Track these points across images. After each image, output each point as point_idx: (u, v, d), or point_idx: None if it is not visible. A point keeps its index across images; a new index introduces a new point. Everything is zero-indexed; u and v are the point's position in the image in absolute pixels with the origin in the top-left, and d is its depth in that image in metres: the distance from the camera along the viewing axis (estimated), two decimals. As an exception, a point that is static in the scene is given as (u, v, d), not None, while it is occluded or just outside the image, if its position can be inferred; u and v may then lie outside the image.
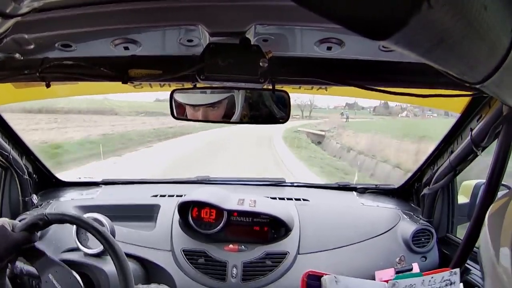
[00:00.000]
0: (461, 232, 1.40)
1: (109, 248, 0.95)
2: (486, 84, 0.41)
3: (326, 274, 1.01)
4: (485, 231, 0.81)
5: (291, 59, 0.93)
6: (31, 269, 1.07)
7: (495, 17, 0.32)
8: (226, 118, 1.08)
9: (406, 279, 0.99)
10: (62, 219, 0.99)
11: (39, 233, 1.33)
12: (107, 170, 7.53)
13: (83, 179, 1.79)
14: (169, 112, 1.06)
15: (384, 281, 1.02)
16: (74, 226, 1.21)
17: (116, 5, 0.70)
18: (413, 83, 0.94)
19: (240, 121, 1.08)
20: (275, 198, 1.57)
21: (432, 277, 0.99)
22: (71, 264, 1.20)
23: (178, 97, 1.06)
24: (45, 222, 0.97)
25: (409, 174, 1.64)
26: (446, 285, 1.00)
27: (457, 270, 1.02)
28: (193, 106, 1.07)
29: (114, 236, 1.20)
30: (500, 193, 1.11)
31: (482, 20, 0.30)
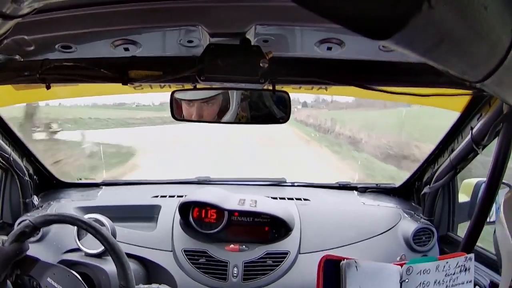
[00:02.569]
0: (462, 231, 1.40)
1: (102, 239, 0.96)
2: (486, 83, 0.41)
3: (345, 258, 0.97)
4: (501, 217, 0.81)
5: (292, 60, 0.93)
6: None
7: (495, 17, 0.32)
8: (222, 115, 1.08)
9: (420, 263, 0.96)
10: (48, 220, 0.99)
11: (39, 235, 1.35)
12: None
13: (83, 180, 1.80)
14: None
15: (399, 264, 0.99)
16: (75, 227, 1.21)
17: (116, 6, 0.70)
18: (413, 83, 0.94)
19: (241, 122, 1.08)
20: (275, 198, 1.57)
21: (447, 262, 0.95)
22: (72, 264, 1.21)
23: (178, 98, 1.06)
24: (32, 228, 0.97)
25: (410, 173, 1.64)
26: (461, 271, 0.96)
27: (472, 255, 0.99)
28: (188, 102, 1.07)
29: (115, 237, 1.20)
30: (500, 192, 1.11)
31: (482, 20, 0.30)
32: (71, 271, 1.00)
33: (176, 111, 1.07)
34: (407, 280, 0.96)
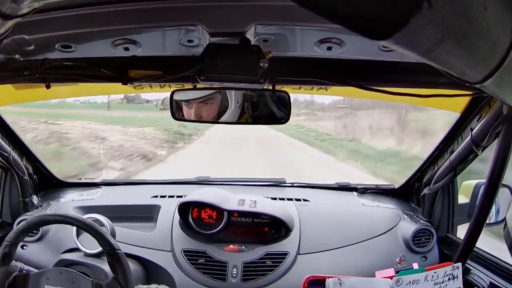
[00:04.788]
0: (461, 232, 1.40)
1: (92, 231, 0.99)
2: (486, 84, 0.41)
3: (328, 276, 1.00)
4: None
5: (291, 59, 0.93)
6: (31, 269, 1.07)
7: (495, 17, 0.32)
8: (222, 115, 1.08)
9: (410, 275, 1.01)
10: (22, 230, 1.00)
11: (38, 234, 1.35)
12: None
13: (83, 180, 1.79)
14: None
15: (388, 277, 1.02)
16: (73, 226, 1.21)
17: (116, 5, 0.70)
18: (413, 83, 0.94)
19: (241, 122, 1.08)
20: (275, 199, 1.57)
21: (435, 272, 1.01)
22: (71, 264, 1.21)
23: (178, 97, 1.06)
24: (10, 246, 0.98)
25: (410, 174, 1.63)
26: (449, 279, 1.02)
27: (459, 264, 1.03)
28: (187, 102, 1.07)
29: (114, 237, 1.20)
30: (501, 191, 1.11)
31: (482, 20, 0.30)
32: (62, 268, 1.00)
33: (176, 111, 1.07)
34: (397, 291, 0.99)
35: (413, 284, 1.00)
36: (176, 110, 1.06)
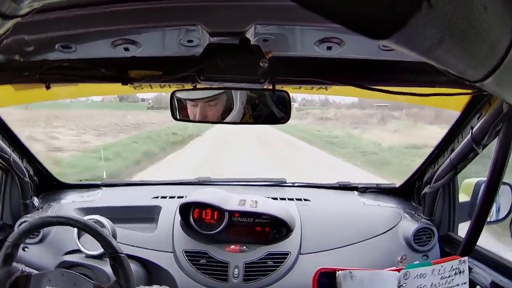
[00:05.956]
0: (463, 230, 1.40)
1: (96, 235, 0.99)
2: (486, 83, 0.41)
3: (339, 269, 1.00)
4: None
5: (291, 59, 0.93)
6: (33, 271, 1.08)
7: (495, 17, 0.32)
8: (226, 115, 1.08)
9: (417, 268, 1.01)
10: (25, 231, 1.01)
11: (39, 236, 1.35)
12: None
13: (83, 181, 1.80)
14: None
15: (396, 270, 1.02)
16: (75, 228, 1.22)
17: (116, 5, 0.70)
18: (414, 82, 0.94)
19: (241, 122, 1.08)
20: (276, 199, 1.57)
21: (442, 266, 1.01)
22: (73, 265, 1.21)
23: (182, 96, 1.06)
24: (12, 247, 0.98)
25: (410, 173, 1.63)
26: (456, 273, 1.02)
27: (466, 258, 1.03)
28: (192, 101, 1.08)
29: (115, 238, 1.20)
30: (501, 189, 1.12)
31: (482, 20, 0.30)
32: (64, 270, 1.00)
33: (177, 112, 1.07)
34: (405, 285, 1.00)
35: (420, 278, 1.00)
36: (178, 110, 1.06)
